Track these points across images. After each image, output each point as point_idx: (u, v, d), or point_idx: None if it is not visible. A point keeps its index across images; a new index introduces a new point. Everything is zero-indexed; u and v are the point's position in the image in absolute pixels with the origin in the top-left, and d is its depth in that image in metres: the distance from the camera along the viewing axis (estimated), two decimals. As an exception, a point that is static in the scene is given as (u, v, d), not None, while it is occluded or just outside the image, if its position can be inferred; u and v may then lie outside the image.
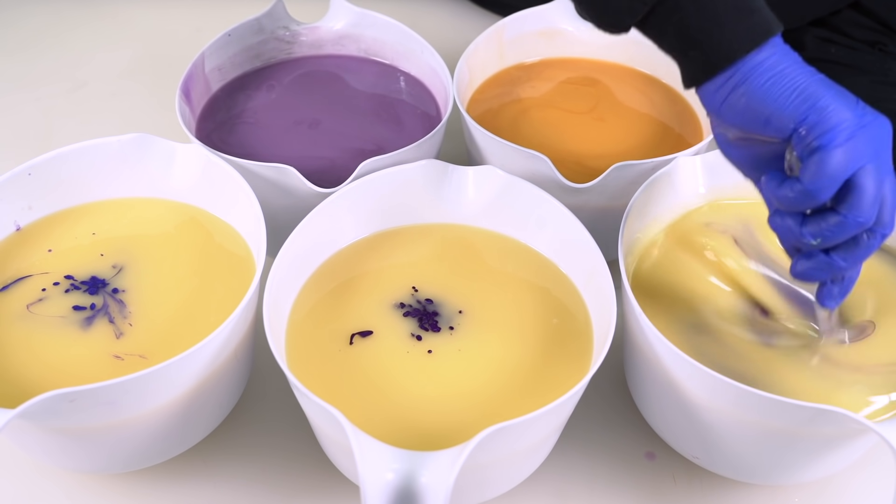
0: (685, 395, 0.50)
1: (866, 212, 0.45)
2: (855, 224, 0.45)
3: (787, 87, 0.45)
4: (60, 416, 0.47)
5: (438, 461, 0.43)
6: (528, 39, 0.77)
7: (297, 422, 0.58)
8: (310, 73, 0.75)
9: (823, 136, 0.44)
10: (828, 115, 0.44)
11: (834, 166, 0.44)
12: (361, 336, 0.55)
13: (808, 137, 0.45)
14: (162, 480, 0.57)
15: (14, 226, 0.59)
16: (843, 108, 0.44)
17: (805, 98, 0.45)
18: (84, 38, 0.94)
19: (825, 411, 0.45)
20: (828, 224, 0.46)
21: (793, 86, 0.45)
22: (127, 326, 0.54)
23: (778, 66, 0.46)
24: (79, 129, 0.83)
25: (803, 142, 0.45)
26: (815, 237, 0.46)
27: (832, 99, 0.45)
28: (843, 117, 0.44)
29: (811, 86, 0.45)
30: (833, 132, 0.44)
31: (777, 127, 0.46)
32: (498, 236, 0.61)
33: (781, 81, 0.45)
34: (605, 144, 0.70)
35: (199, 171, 0.60)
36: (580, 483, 0.57)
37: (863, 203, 0.45)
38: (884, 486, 0.57)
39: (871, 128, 0.45)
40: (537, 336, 0.55)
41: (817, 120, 0.44)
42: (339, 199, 0.58)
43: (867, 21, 0.76)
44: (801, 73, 0.46)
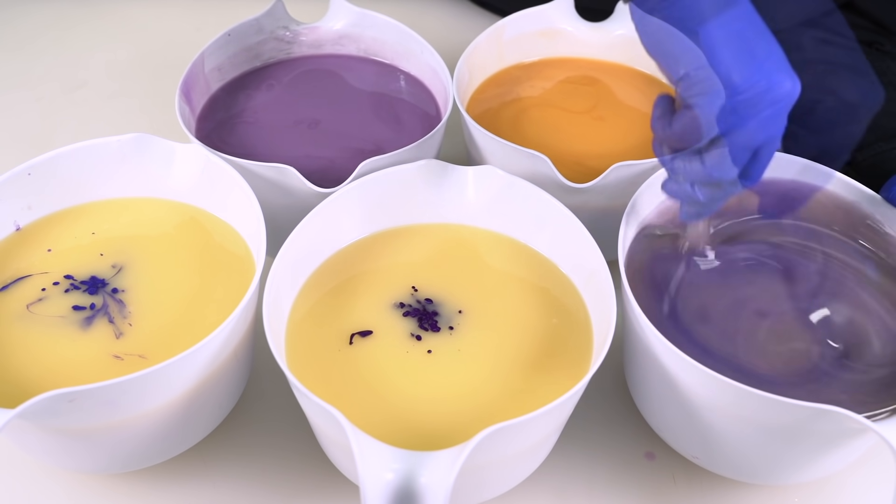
0: (685, 395, 0.50)
1: (725, 170, 0.46)
2: (712, 176, 0.47)
3: (692, 31, 0.44)
4: (60, 416, 0.47)
5: (438, 461, 0.43)
6: (528, 39, 0.77)
7: (297, 422, 0.58)
8: (309, 72, 0.75)
9: (701, 96, 0.44)
10: (710, 76, 0.44)
11: (700, 127, 0.45)
12: (361, 336, 0.55)
13: (689, 89, 0.45)
14: (162, 480, 0.57)
15: (14, 226, 0.59)
16: (734, 69, 0.43)
17: (702, 47, 0.44)
18: (84, 38, 0.94)
19: (825, 411, 0.45)
20: (691, 166, 0.48)
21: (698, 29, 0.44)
22: (127, 326, 0.54)
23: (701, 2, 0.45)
24: (78, 128, 0.83)
25: (685, 90, 0.45)
26: (678, 172, 0.49)
27: (728, 55, 0.44)
28: (729, 81, 0.43)
29: (715, 37, 0.44)
30: (711, 95, 0.44)
31: (671, 66, 0.46)
32: (498, 236, 0.61)
33: (691, 20, 0.44)
34: (604, 144, 0.70)
35: (198, 171, 0.60)
36: (580, 483, 0.57)
37: (723, 161, 0.46)
38: (883, 486, 0.57)
39: (759, 95, 0.44)
40: (537, 336, 0.55)
41: (703, 76, 0.44)
42: (339, 199, 0.58)
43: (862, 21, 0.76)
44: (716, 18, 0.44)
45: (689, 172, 0.48)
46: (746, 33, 0.45)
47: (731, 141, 0.45)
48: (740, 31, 0.44)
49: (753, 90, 0.44)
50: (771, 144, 0.47)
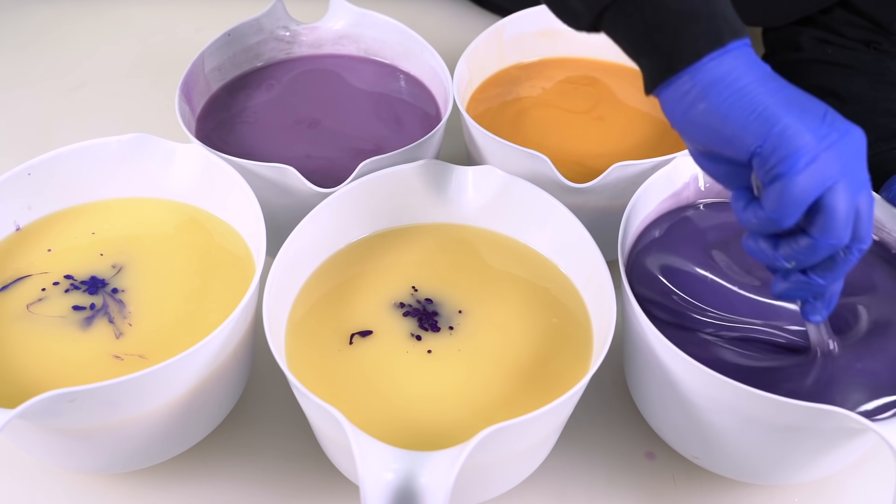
0: (685, 395, 0.50)
1: (837, 233, 0.43)
2: (826, 246, 0.44)
3: (746, 108, 0.43)
4: (60, 416, 0.47)
5: (438, 461, 0.43)
6: (528, 39, 0.77)
7: (297, 422, 0.58)
8: (309, 72, 0.75)
9: (782, 164, 0.42)
10: (786, 140, 0.42)
11: (795, 193, 0.42)
12: (361, 336, 0.55)
13: (767, 163, 0.43)
14: (162, 480, 0.57)
15: (14, 226, 0.59)
16: (804, 130, 0.42)
17: (763, 120, 0.43)
18: (84, 38, 0.94)
19: (825, 411, 0.45)
20: (799, 247, 0.44)
21: (752, 106, 0.43)
22: (126, 326, 0.54)
23: (739, 81, 0.44)
24: (78, 128, 0.83)
25: (763, 167, 0.43)
26: (788, 260, 0.45)
27: (792, 121, 0.42)
28: (803, 141, 0.42)
29: (771, 106, 0.43)
30: (792, 158, 0.42)
31: (737, 149, 0.44)
32: (498, 236, 0.61)
33: (741, 100, 0.43)
34: (604, 144, 0.70)
35: (198, 171, 0.60)
36: (580, 483, 0.57)
37: (833, 225, 0.43)
38: (883, 486, 0.57)
39: (837, 146, 0.43)
40: (537, 336, 0.55)
41: (775, 145, 0.42)
42: (339, 199, 0.58)
43: (859, 20, 0.76)
44: (763, 89, 0.44)
45: (799, 253, 0.44)
46: (797, 97, 0.44)
47: (831, 202, 0.43)
48: (791, 96, 0.44)
49: (828, 141, 0.43)
50: (866, 196, 0.44)
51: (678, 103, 0.45)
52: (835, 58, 0.75)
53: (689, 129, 0.46)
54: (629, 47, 0.48)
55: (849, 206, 0.43)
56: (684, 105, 0.45)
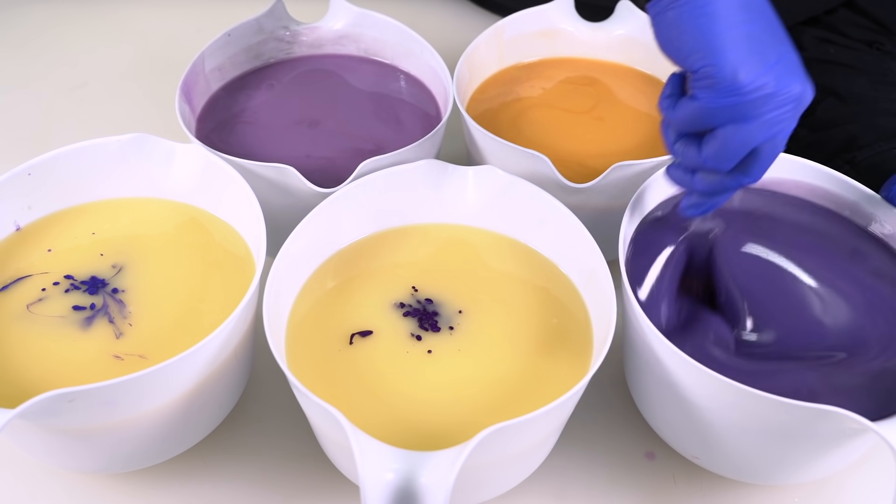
0: (685, 395, 0.50)
1: (721, 161, 0.47)
2: (709, 164, 0.48)
3: (703, 29, 0.45)
4: (60, 416, 0.47)
5: (438, 461, 0.43)
6: (528, 39, 0.77)
7: (297, 422, 0.58)
8: (310, 72, 0.75)
9: (705, 90, 0.45)
10: (719, 72, 0.45)
11: (699, 118, 0.46)
12: (361, 336, 0.55)
13: (696, 83, 0.46)
14: (162, 480, 0.57)
15: (14, 226, 0.59)
16: (741, 69, 0.44)
17: (711, 47, 0.45)
18: (84, 38, 0.94)
19: (825, 411, 0.45)
20: (689, 151, 0.49)
21: (708, 30, 0.45)
22: (127, 326, 0.54)
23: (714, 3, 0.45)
24: (78, 128, 0.83)
25: (693, 83, 0.46)
26: (676, 154, 0.50)
27: (737, 56, 0.45)
28: (730, 82, 0.45)
29: (724, 37, 0.45)
30: (714, 90, 0.45)
31: (681, 62, 0.47)
32: (498, 236, 0.61)
33: (703, 21, 0.45)
34: (604, 144, 0.70)
35: (198, 171, 0.60)
36: (580, 483, 0.57)
37: (719, 153, 0.47)
38: (882, 486, 0.57)
39: (765, 98, 0.45)
40: (537, 336, 0.55)
41: (709, 73, 0.45)
42: (339, 199, 0.58)
43: (863, 20, 0.76)
44: (727, 20, 0.45)
45: (686, 157, 0.49)
46: (760, 35, 0.46)
47: (728, 134, 0.46)
48: (753, 32, 0.45)
49: (759, 92, 0.45)
50: (773, 144, 0.47)
51: (656, 5, 0.47)
52: (836, 57, 0.75)
53: (656, 30, 0.48)
54: None
55: (741, 146, 0.46)
56: (659, 7, 0.47)
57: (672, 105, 0.49)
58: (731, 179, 0.49)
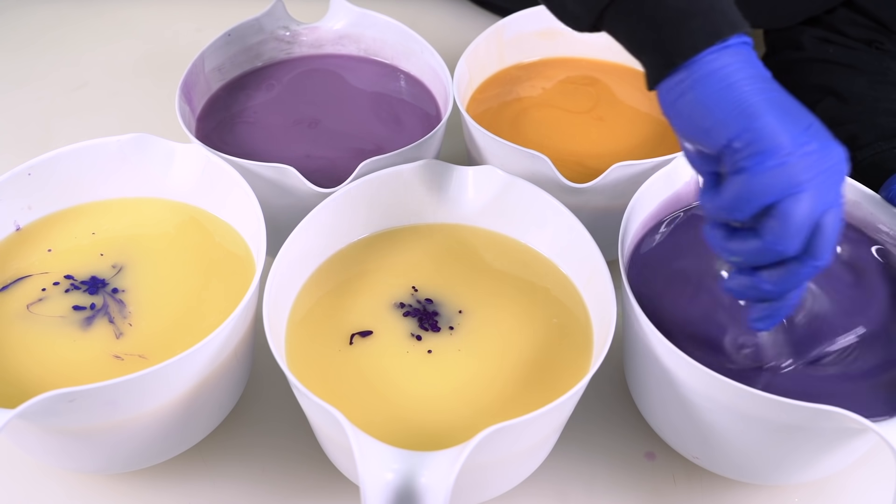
0: (685, 395, 0.50)
1: (785, 241, 0.43)
2: (773, 251, 0.43)
3: (731, 101, 0.43)
4: (60, 416, 0.47)
5: (438, 461, 0.43)
6: (528, 39, 0.77)
7: (297, 422, 0.58)
8: (310, 72, 0.75)
9: (751, 158, 0.42)
10: (761, 137, 0.42)
11: (753, 189, 0.42)
12: (361, 336, 0.55)
13: (736, 155, 0.43)
14: (162, 480, 0.57)
15: (14, 226, 0.59)
16: (781, 132, 0.42)
17: (745, 115, 0.43)
18: (84, 38, 0.94)
19: (825, 411, 0.45)
20: (747, 245, 0.44)
21: (736, 100, 0.43)
22: (127, 326, 0.54)
23: (731, 77, 0.44)
24: (79, 129, 0.83)
25: (732, 157, 0.43)
26: (734, 254, 0.45)
27: (772, 120, 0.42)
28: (777, 142, 0.42)
29: (756, 103, 0.43)
30: (761, 155, 0.42)
31: (714, 140, 0.44)
32: (498, 236, 0.61)
33: (727, 93, 0.43)
34: (605, 144, 0.70)
35: (198, 171, 0.60)
36: (580, 483, 0.57)
37: (782, 231, 0.42)
38: (883, 486, 0.57)
39: (812, 156, 0.42)
40: (537, 336, 0.55)
41: (750, 139, 0.42)
42: (339, 199, 0.58)
43: (862, 19, 0.76)
44: (751, 87, 0.43)
45: (746, 251, 0.44)
46: (785, 102, 0.44)
47: (787, 208, 0.42)
48: (778, 100, 0.44)
49: (803, 150, 0.42)
50: (834, 216, 0.43)
51: (670, 92, 0.46)
52: (836, 57, 0.75)
53: (676, 119, 0.46)
54: (630, 45, 0.48)
55: (804, 218, 0.42)
56: (675, 94, 0.45)
57: (715, 194, 0.45)
58: (801, 265, 0.44)
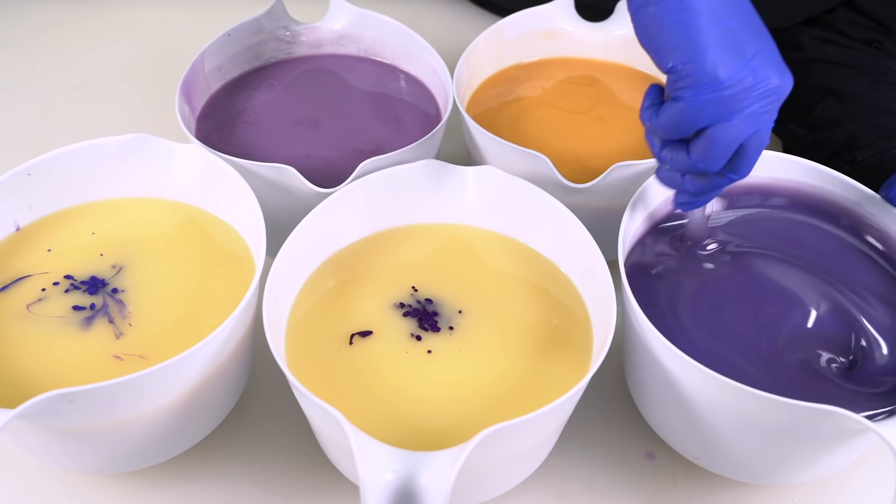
0: (685, 395, 0.50)
1: (709, 162, 0.47)
2: (698, 168, 0.48)
3: (681, 25, 0.45)
4: (60, 416, 0.47)
5: (438, 461, 0.42)
6: (528, 39, 0.77)
7: (297, 422, 0.58)
8: (309, 72, 0.75)
9: (685, 90, 0.45)
10: (700, 69, 0.44)
11: (684, 119, 0.46)
12: (361, 336, 0.55)
13: (675, 82, 0.45)
14: (162, 480, 0.57)
15: (14, 226, 0.59)
16: (719, 65, 0.44)
17: (690, 43, 0.44)
18: (84, 38, 0.94)
19: (825, 411, 0.45)
20: (678, 158, 0.49)
21: (686, 25, 0.45)
22: (126, 326, 0.54)
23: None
24: (78, 128, 0.83)
25: (671, 84, 0.46)
26: (664, 162, 0.50)
27: (715, 51, 0.44)
28: (710, 77, 0.44)
29: (702, 32, 0.44)
30: (693, 88, 0.45)
31: (660, 59, 0.46)
32: (498, 236, 0.61)
33: (681, 16, 0.45)
34: (604, 144, 0.70)
35: (198, 171, 0.60)
36: (580, 483, 0.57)
37: (708, 153, 0.47)
38: (883, 486, 0.57)
39: (746, 91, 0.45)
40: (537, 336, 0.55)
41: (690, 71, 0.45)
42: (339, 199, 0.58)
43: (861, 19, 0.76)
44: (706, 15, 0.45)
45: (675, 162, 0.49)
46: (738, 30, 0.45)
47: (714, 134, 0.46)
48: (731, 27, 0.45)
49: (739, 86, 0.45)
50: (758, 139, 0.47)
51: (635, 1, 0.47)
52: (835, 57, 0.75)
53: (635, 26, 0.47)
54: None
55: (729, 143, 0.46)
56: (639, 2, 0.47)
57: (654, 114, 0.49)
58: (721, 178, 0.50)
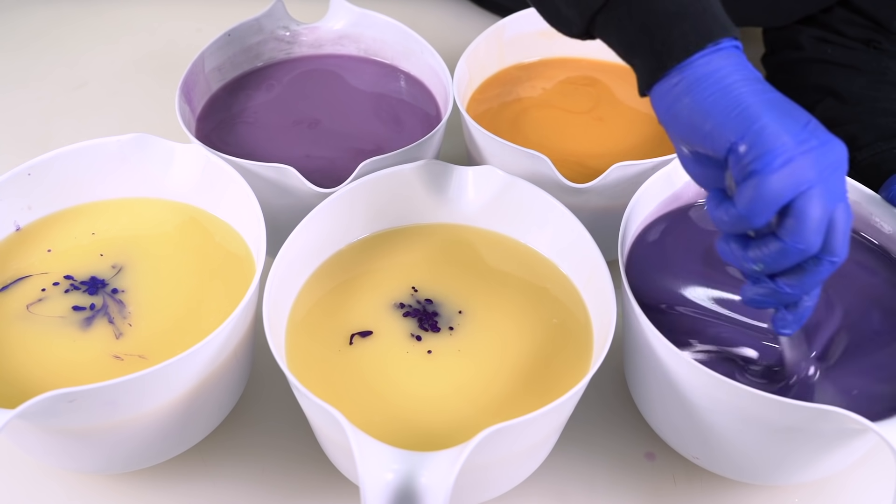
0: (685, 395, 0.50)
1: (807, 238, 0.42)
2: (796, 251, 0.43)
3: (729, 103, 0.43)
4: (60, 417, 0.47)
5: (438, 461, 0.43)
6: (528, 39, 0.77)
7: (297, 422, 0.58)
8: (309, 72, 0.75)
9: (757, 161, 0.42)
10: (763, 139, 0.42)
11: (767, 192, 0.42)
12: (361, 336, 0.55)
13: (742, 161, 0.43)
14: (162, 480, 0.57)
15: (14, 226, 0.59)
16: (782, 131, 0.42)
17: (744, 117, 0.43)
18: (84, 38, 0.94)
19: (825, 411, 0.45)
20: (768, 249, 0.44)
21: (734, 102, 0.43)
22: (126, 327, 0.54)
23: (726, 79, 0.44)
24: (78, 129, 0.83)
25: (738, 164, 0.43)
26: (756, 262, 0.44)
27: (772, 120, 0.42)
28: (780, 141, 0.42)
29: (754, 105, 0.43)
30: (767, 157, 0.42)
31: (715, 145, 0.44)
32: (498, 236, 0.61)
33: (724, 97, 0.43)
34: (605, 144, 0.70)
35: (198, 171, 0.60)
36: (580, 483, 0.57)
37: (803, 229, 0.42)
38: (883, 486, 0.57)
39: (815, 152, 0.42)
40: (537, 336, 0.55)
41: (752, 143, 0.42)
42: (339, 199, 0.58)
43: (860, 19, 0.76)
44: (747, 89, 0.44)
45: (767, 257, 0.44)
46: (781, 102, 0.44)
47: (802, 206, 0.42)
48: (775, 100, 0.44)
49: (806, 146, 0.42)
50: (843, 209, 0.43)
51: (664, 97, 0.46)
52: (835, 57, 0.75)
53: (673, 123, 0.46)
54: (622, 50, 0.48)
55: (821, 213, 0.42)
56: (670, 99, 0.45)
57: (729, 207, 0.44)
58: (818, 265, 0.44)
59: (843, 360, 0.52)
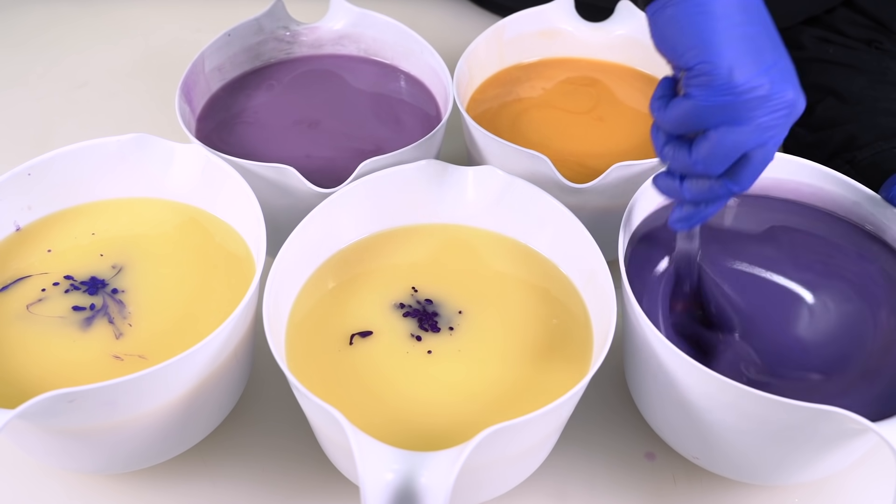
0: (685, 395, 0.50)
1: (711, 164, 0.46)
2: (699, 169, 0.47)
3: (700, 28, 0.45)
4: (60, 417, 0.47)
5: (438, 461, 0.43)
6: (528, 39, 0.77)
7: (297, 422, 0.58)
8: (309, 72, 0.75)
9: (700, 88, 0.45)
10: (715, 71, 0.44)
11: (691, 118, 0.45)
12: (361, 336, 0.55)
13: (690, 80, 0.45)
14: (162, 480, 0.57)
15: (14, 226, 0.59)
16: (737, 69, 0.44)
17: (707, 46, 0.44)
18: (84, 38, 0.94)
19: (825, 411, 0.45)
20: (679, 155, 0.48)
21: (705, 28, 0.45)
22: (126, 327, 0.54)
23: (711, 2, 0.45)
24: (78, 128, 0.83)
25: (687, 81, 0.46)
26: (665, 158, 0.49)
27: (733, 55, 0.44)
28: (729, 79, 0.44)
29: (721, 36, 0.44)
30: (710, 88, 0.44)
31: (676, 59, 0.46)
32: (498, 236, 0.61)
33: (700, 19, 0.45)
34: (605, 144, 0.70)
35: (198, 171, 0.60)
36: (580, 483, 0.57)
37: (710, 154, 0.46)
38: (883, 486, 0.57)
39: (758, 100, 0.44)
40: (537, 336, 0.55)
41: (705, 70, 0.44)
42: (339, 199, 0.58)
43: (862, 19, 0.76)
44: (725, 20, 0.45)
45: (676, 160, 0.48)
46: (756, 39, 0.45)
47: (719, 136, 0.46)
48: (751, 34, 0.45)
49: (753, 93, 0.44)
50: (764, 152, 0.46)
51: (654, 3, 0.47)
52: (836, 57, 0.75)
53: (651, 27, 0.47)
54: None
55: (732, 148, 0.45)
56: (657, 5, 0.47)
57: (663, 106, 0.48)
58: (721, 186, 0.48)
59: (844, 359, 0.52)
